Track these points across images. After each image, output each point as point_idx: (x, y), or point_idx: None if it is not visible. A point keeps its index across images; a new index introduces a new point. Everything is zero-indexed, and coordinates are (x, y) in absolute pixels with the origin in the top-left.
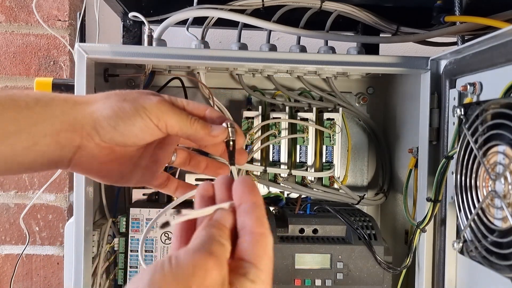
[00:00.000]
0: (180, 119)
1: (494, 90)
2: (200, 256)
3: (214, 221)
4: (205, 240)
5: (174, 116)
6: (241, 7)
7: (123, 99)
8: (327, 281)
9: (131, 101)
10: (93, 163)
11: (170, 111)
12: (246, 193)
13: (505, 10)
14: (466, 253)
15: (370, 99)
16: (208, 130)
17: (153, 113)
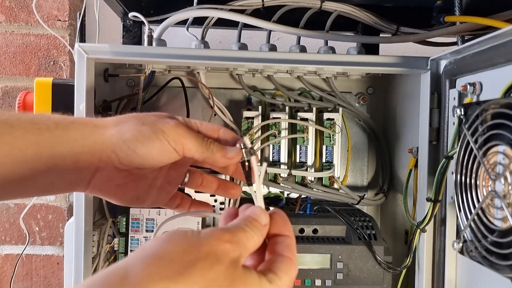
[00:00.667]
0: (196, 143)
1: (494, 90)
2: (220, 230)
3: (245, 215)
4: (230, 225)
5: (192, 139)
6: (241, 7)
7: (141, 122)
8: (327, 281)
9: (150, 125)
10: (110, 186)
11: (187, 134)
12: (285, 225)
13: (505, 10)
14: (466, 253)
15: (370, 99)
16: (224, 152)
17: (171, 136)
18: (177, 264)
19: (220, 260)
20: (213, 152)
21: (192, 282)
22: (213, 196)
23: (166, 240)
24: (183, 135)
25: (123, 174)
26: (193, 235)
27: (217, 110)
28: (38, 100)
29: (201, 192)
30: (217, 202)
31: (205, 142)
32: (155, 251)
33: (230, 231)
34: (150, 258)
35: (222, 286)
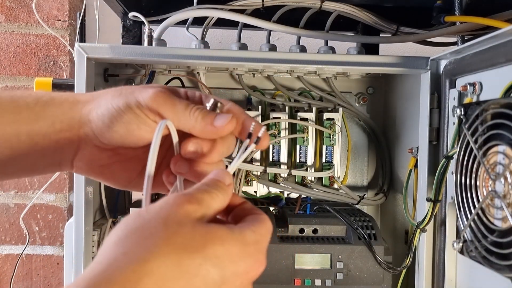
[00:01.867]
0: (177, 109)
1: (494, 90)
2: (175, 195)
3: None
4: (190, 188)
5: (171, 107)
6: (241, 7)
7: (118, 93)
8: (327, 281)
9: (125, 95)
10: (94, 166)
11: (166, 102)
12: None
13: (505, 10)
14: (466, 253)
15: (370, 99)
16: (211, 120)
17: (146, 107)
18: (139, 244)
19: (182, 223)
20: (198, 120)
21: (162, 255)
22: None
23: (122, 227)
24: (162, 103)
25: (107, 153)
26: (147, 210)
27: None
28: None
29: None
30: None
31: (188, 109)
32: (114, 243)
33: (188, 194)
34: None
35: (194, 247)
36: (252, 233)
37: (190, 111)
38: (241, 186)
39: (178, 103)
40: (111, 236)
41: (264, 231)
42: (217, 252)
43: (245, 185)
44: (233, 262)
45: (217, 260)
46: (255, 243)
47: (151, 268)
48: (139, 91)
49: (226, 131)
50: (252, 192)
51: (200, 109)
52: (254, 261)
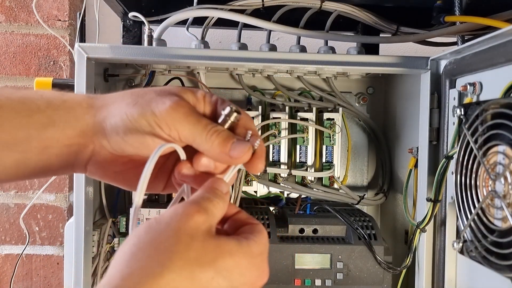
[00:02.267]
0: (194, 131)
1: (494, 90)
2: (184, 205)
3: (206, 186)
4: (194, 196)
5: (188, 126)
6: (241, 7)
7: (135, 102)
8: (327, 281)
9: (142, 106)
10: (108, 171)
11: (183, 119)
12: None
13: (505, 10)
14: (466, 253)
15: (370, 99)
16: (227, 149)
17: (163, 121)
18: (153, 258)
19: (194, 236)
20: (214, 145)
21: (176, 269)
22: None
23: (134, 240)
24: (179, 120)
25: (122, 160)
26: (158, 221)
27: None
28: None
29: None
30: None
31: (205, 131)
32: (128, 256)
33: (195, 202)
34: (125, 267)
35: (206, 261)
36: (256, 245)
37: (208, 133)
38: (241, 186)
39: (196, 123)
40: (123, 249)
41: (265, 241)
42: (227, 265)
43: (245, 185)
44: (242, 274)
45: (227, 273)
46: (260, 254)
47: (167, 282)
48: (156, 102)
49: (240, 162)
50: (252, 192)
51: (217, 133)
52: (261, 272)
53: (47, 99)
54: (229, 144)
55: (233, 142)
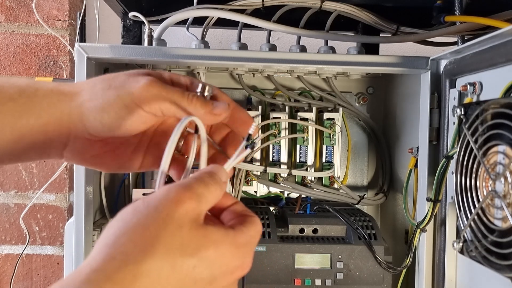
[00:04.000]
0: (176, 99)
1: (494, 90)
2: (176, 188)
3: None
4: (189, 178)
5: (169, 97)
6: (241, 7)
7: (108, 86)
8: (327, 281)
9: (117, 88)
10: (84, 155)
11: (162, 91)
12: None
13: (505, 10)
14: (466, 253)
15: (370, 99)
16: (210, 108)
17: (141, 98)
18: (136, 244)
19: (182, 225)
20: (197, 108)
21: (158, 257)
22: None
23: (119, 222)
24: (158, 95)
25: (98, 144)
26: (146, 205)
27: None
28: None
29: None
30: None
31: (185, 97)
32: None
33: (188, 186)
34: (108, 249)
35: (190, 251)
36: (244, 235)
37: (188, 98)
38: (241, 186)
39: (175, 92)
40: (109, 231)
41: (254, 233)
42: (210, 255)
43: (245, 185)
44: (224, 264)
45: (210, 263)
46: (246, 245)
47: (148, 269)
48: (130, 83)
49: (224, 118)
50: (252, 192)
51: (197, 97)
52: (242, 263)
53: (19, 89)
54: (210, 104)
55: (212, 103)
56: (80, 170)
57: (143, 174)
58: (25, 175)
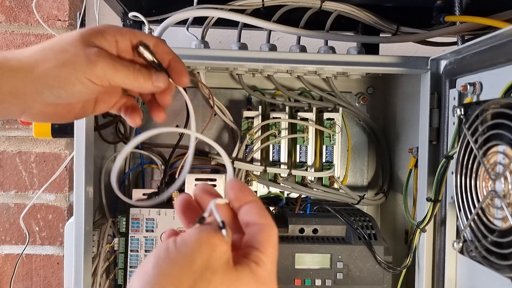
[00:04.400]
0: (123, 75)
1: (494, 90)
2: (206, 233)
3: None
4: (210, 222)
5: (117, 73)
6: (241, 7)
7: (61, 63)
8: (327, 281)
9: (70, 66)
10: (41, 118)
11: (111, 67)
12: (242, 195)
13: (505, 10)
14: (466, 253)
15: (370, 99)
16: (151, 81)
17: (94, 75)
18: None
19: (216, 271)
20: (141, 82)
21: None
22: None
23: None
24: (107, 70)
25: (52, 108)
26: (179, 249)
27: (217, 110)
28: None
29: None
30: None
31: (131, 73)
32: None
33: (217, 232)
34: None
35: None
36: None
37: (133, 75)
38: None
39: (122, 68)
40: (145, 268)
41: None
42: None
43: None
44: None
45: None
46: (270, 275)
47: None
48: (82, 59)
49: (162, 88)
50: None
51: (140, 72)
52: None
53: None
54: (152, 78)
55: (154, 75)
56: (80, 170)
57: (143, 174)
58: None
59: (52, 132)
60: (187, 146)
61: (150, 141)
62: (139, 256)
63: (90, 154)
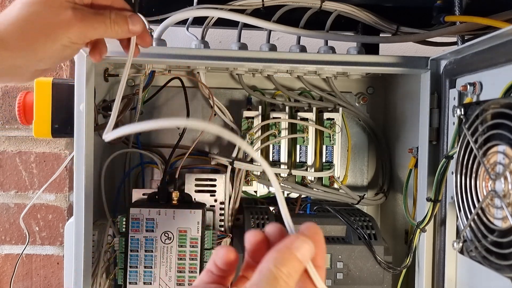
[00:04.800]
0: (101, 31)
1: (494, 90)
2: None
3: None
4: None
5: (95, 31)
6: (241, 7)
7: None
8: (327, 281)
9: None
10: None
11: (89, 26)
12: (320, 243)
13: (505, 10)
14: (466, 253)
15: (370, 99)
16: (127, 28)
17: (75, 38)
18: None
19: None
20: (118, 32)
21: None
22: (213, 196)
23: None
24: (87, 31)
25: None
26: None
27: (217, 110)
28: (38, 99)
29: (201, 192)
30: (217, 202)
31: (108, 27)
32: None
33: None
34: None
35: None
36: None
37: (110, 28)
38: (241, 186)
39: (100, 25)
40: None
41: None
42: None
43: (245, 185)
44: None
45: None
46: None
47: None
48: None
49: (139, 32)
50: (252, 192)
51: (115, 23)
52: None
53: None
54: (128, 25)
55: (129, 21)
56: (80, 170)
57: (143, 174)
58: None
59: (52, 132)
60: (187, 146)
61: (150, 141)
62: (139, 256)
63: (90, 154)
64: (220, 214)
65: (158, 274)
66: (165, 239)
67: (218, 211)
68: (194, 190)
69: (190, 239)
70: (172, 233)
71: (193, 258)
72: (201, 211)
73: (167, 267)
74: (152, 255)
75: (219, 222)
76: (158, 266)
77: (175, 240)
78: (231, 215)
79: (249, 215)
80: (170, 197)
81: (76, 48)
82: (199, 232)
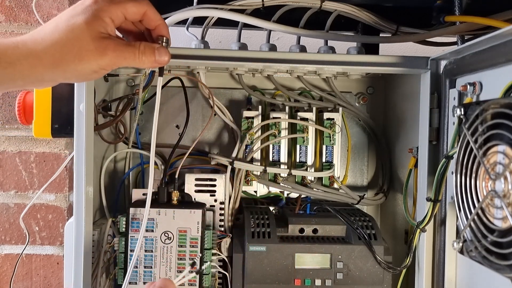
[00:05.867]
0: (129, 60)
1: (494, 90)
2: None
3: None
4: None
5: (125, 60)
6: (241, 7)
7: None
8: (327, 281)
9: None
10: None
11: (120, 56)
12: None
13: (505, 10)
14: (466, 253)
15: (370, 99)
16: (154, 59)
17: (105, 65)
18: None
19: None
20: (145, 63)
21: None
22: (213, 196)
23: None
24: (117, 60)
25: None
26: None
27: (217, 110)
28: (38, 99)
29: (201, 192)
30: (217, 202)
31: (137, 58)
32: None
33: None
34: None
35: None
36: None
37: (138, 59)
38: (241, 186)
39: (128, 56)
40: None
41: None
42: None
43: (245, 185)
44: None
45: None
46: None
47: None
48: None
49: (165, 64)
50: (252, 192)
51: (143, 54)
52: None
53: None
54: (155, 57)
55: (157, 52)
56: (80, 170)
57: (143, 174)
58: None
59: (52, 132)
60: (187, 146)
61: (150, 141)
62: (139, 256)
63: (90, 154)
64: (220, 214)
65: (158, 274)
66: (165, 239)
67: (218, 211)
68: (194, 190)
69: (190, 239)
70: (172, 233)
71: (193, 258)
72: (201, 211)
73: (167, 267)
74: (152, 255)
75: (219, 222)
76: (158, 266)
77: (175, 240)
78: (231, 215)
79: (249, 215)
80: (170, 197)
81: (103, 73)
82: (199, 232)
